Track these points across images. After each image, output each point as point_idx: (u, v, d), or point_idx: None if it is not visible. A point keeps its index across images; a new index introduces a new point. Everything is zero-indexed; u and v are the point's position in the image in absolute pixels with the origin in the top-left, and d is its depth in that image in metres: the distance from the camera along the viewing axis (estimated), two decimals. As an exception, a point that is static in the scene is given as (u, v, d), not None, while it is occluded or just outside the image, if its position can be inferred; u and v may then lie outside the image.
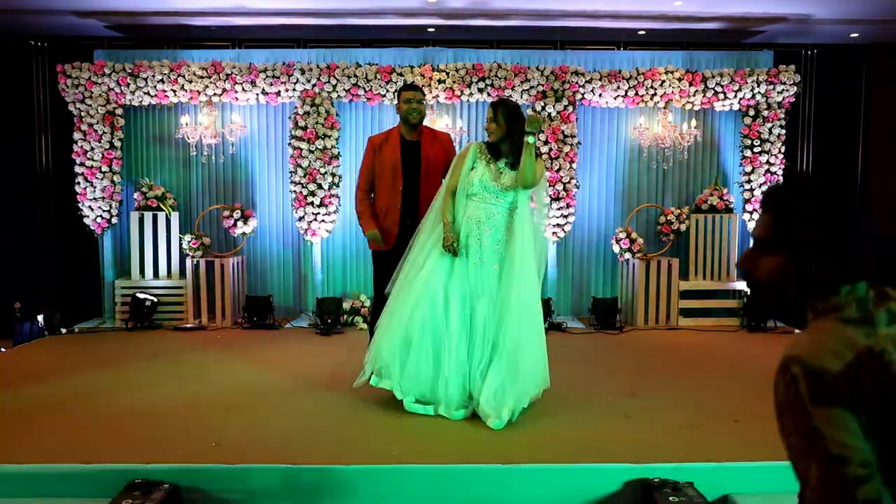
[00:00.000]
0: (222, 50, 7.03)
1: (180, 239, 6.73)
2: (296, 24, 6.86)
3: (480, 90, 6.65)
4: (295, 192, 6.73)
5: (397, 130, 4.61)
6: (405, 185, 4.51)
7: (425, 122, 4.80)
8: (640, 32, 7.07)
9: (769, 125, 6.83)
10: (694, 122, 6.91)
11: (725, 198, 6.84)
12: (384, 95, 6.68)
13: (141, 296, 6.53)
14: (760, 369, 5.06)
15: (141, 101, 6.76)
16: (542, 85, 6.67)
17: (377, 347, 4.00)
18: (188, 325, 6.56)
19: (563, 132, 6.65)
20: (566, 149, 6.69)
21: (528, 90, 6.68)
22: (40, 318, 6.30)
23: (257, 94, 6.72)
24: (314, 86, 6.66)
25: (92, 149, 6.69)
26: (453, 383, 3.91)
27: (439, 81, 6.62)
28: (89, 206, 6.75)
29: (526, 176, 3.92)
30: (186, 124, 6.74)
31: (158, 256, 6.81)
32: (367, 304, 6.45)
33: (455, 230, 4.01)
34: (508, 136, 4.01)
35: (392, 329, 3.96)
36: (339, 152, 6.74)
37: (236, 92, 6.68)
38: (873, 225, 1.32)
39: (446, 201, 4.08)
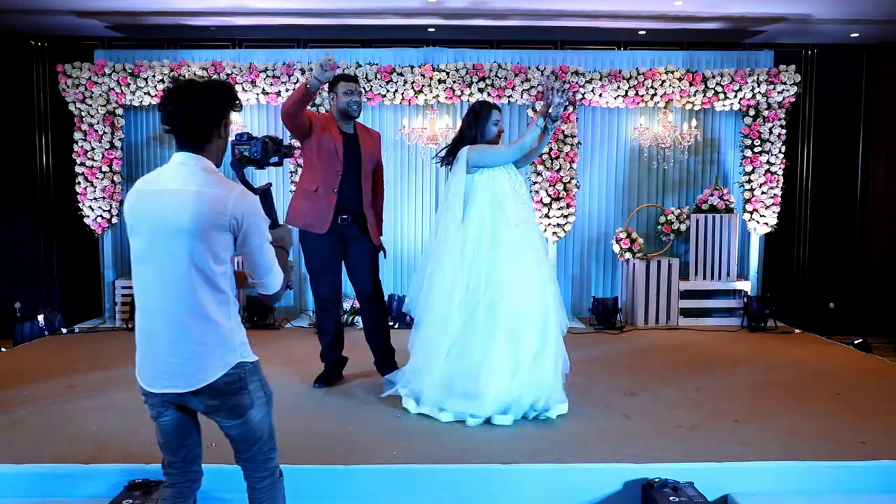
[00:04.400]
0: (222, 50, 7.03)
1: (180, 239, 6.72)
2: (296, 24, 6.86)
3: (481, 90, 6.64)
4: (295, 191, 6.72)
5: (333, 123, 4.38)
6: (344, 175, 4.33)
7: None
8: (641, 32, 7.07)
9: (769, 125, 6.83)
10: (694, 122, 6.91)
11: (726, 198, 6.84)
12: (384, 95, 6.68)
13: (141, 296, 6.52)
14: (760, 369, 5.11)
15: (141, 101, 6.76)
16: (543, 85, 6.67)
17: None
18: (188, 325, 6.55)
19: (563, 132, 6.66)
20: (566, 149, 6.70)
21: (528, 90, 6.68)
22: (40, 318, 6.29)
23: (257, 95, 6.72)
24: (314, 86, 6.65)
25: (92, 149, 6.69)
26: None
27: (439, 81, 6.61)
28: (89, 206, 6.75)
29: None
30: (187, 124, 6.74)
31: (159, 256, 6.79)
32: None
33: None
34: None
35: None
36: (339, 152, 6.74)
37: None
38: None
39: None
